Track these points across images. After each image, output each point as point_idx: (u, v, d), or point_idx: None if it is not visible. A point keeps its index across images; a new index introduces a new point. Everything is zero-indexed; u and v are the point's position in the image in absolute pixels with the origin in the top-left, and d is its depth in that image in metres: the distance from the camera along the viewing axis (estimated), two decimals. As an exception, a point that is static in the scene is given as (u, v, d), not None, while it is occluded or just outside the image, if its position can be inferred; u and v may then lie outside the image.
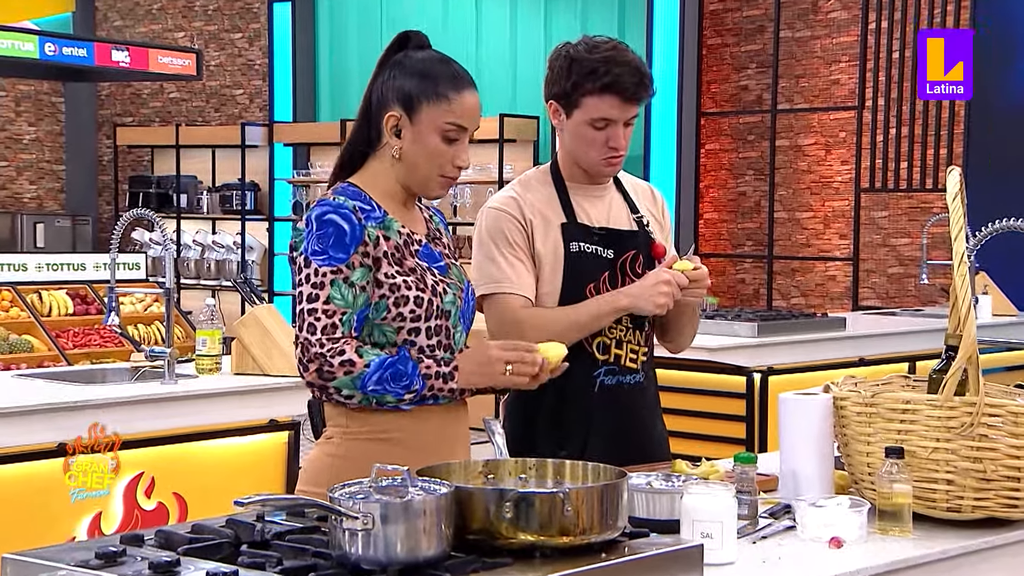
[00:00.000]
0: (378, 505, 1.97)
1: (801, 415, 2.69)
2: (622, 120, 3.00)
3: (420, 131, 2.56)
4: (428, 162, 2.58)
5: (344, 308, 2.49)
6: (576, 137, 3.03)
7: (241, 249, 12.72)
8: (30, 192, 14.22)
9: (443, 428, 2.59)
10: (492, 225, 3.03)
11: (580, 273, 3.03)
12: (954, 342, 2.62)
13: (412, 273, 2.55)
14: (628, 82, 2.97)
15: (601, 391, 3.06)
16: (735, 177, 10.81)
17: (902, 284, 9.95)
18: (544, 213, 3.05)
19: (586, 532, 2.06)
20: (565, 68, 3.00)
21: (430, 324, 2.56)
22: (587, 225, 3.06)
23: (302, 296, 2.50)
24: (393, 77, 2.58)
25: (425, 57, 2.60)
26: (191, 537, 2.11)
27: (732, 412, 6.21)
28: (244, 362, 5.04)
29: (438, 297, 2.57)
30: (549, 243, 3.02)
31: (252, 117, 13.45)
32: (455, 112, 2.57)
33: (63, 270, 8.60)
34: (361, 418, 2.54)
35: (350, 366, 2.45)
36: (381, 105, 2.59)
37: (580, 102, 2.99)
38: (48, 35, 10.70)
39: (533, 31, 11.38)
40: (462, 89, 2.58)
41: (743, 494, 2.49)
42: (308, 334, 2.48)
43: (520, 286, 2.99)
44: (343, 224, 2.49)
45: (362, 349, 2.48)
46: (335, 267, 2.49)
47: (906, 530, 2.51)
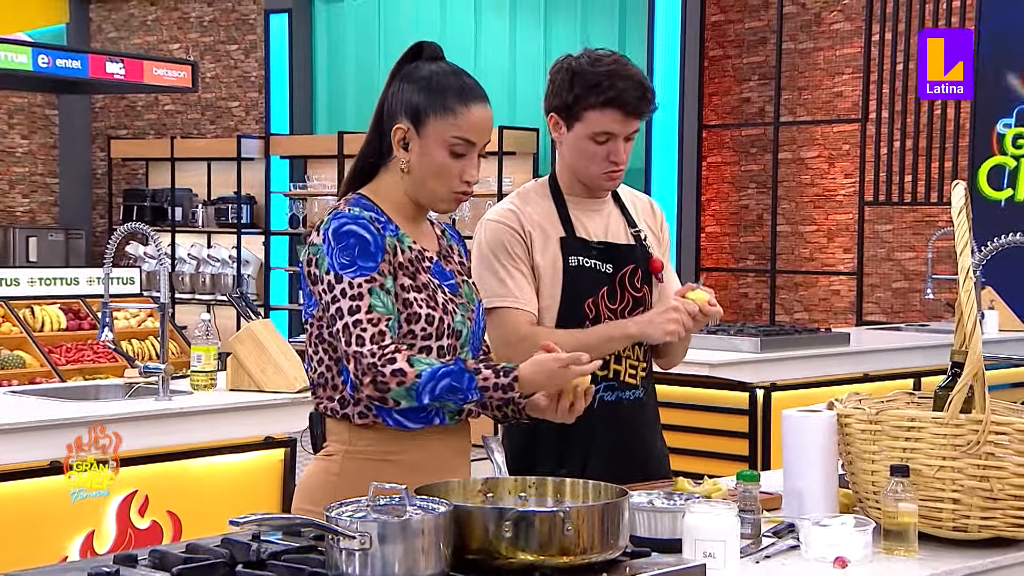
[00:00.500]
0: (376, 524, 1.97)
1: (804, 432, 2.68)
2: (623, 135, 2.99)
3: (427, 145, 2.55)
4: (435, 176, 2.56)
5: (387, 315, 2.47)
6: (576, 151, 3.03)
7: (237, 263, 12.68)
8: (23, 206, 14.25)
9: (445, 448, 2.59)
10: (492, 238, 3.02)
11: (579, 287, 3.02)
12: (960, 358, 2.61)
13: (424, 289, 2.54)
14: (631, 97, 2.96)
15: (601, 407, 3.03)
16: (737, 190, 10.77)
17: (907, 299, 9.93)
18: (543, 226, 3.05)
19: (587, 552, 2.06)
20: (567, 81, 3.00)
21: (442, 343, 2.55)
22: (586, 239, 3.06)
23: (341, 312, 2.46)
24: (402, 89, 2.57)
25: (436, 69, 2.58)
26: (185, 557, 2.11)
27: (734, 429, 6.15)
28: (240, 378, 5.02)
29: (449, 316, 2.55)
30: (548, 256, 3.02)
31: (248, 129, 13.45)
32: (461, 127, 2.54)
33: (56, 285, 8.64)
34: (365, 437, 2.54)
35: (402, 376, 2.42)
36: (390, 117, 2.57)
37: (582, 116, 2.98)
38: (42, 47, 10.74)
39: (533, 43, 11.36)
40: (470, 103, 2.55)
41: (746, 513, 2.48)
42: (357, 347, 2.45)
43: (524, 300, 2.99)
44: (364, 234, 2.48)
45: (413, 358, 2.45)
46: (368, 276, 2.47)
47: (911, 550, 2.49)
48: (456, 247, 2.75)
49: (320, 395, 2.60)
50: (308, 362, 2.63)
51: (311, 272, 2.52)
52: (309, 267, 2.53)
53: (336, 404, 2.56)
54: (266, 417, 4.92)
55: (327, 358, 2.57)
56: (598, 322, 3.03)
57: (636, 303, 3.10)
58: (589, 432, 3.02)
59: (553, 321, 3.03)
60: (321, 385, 2.59)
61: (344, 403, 2.55)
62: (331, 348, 2.56)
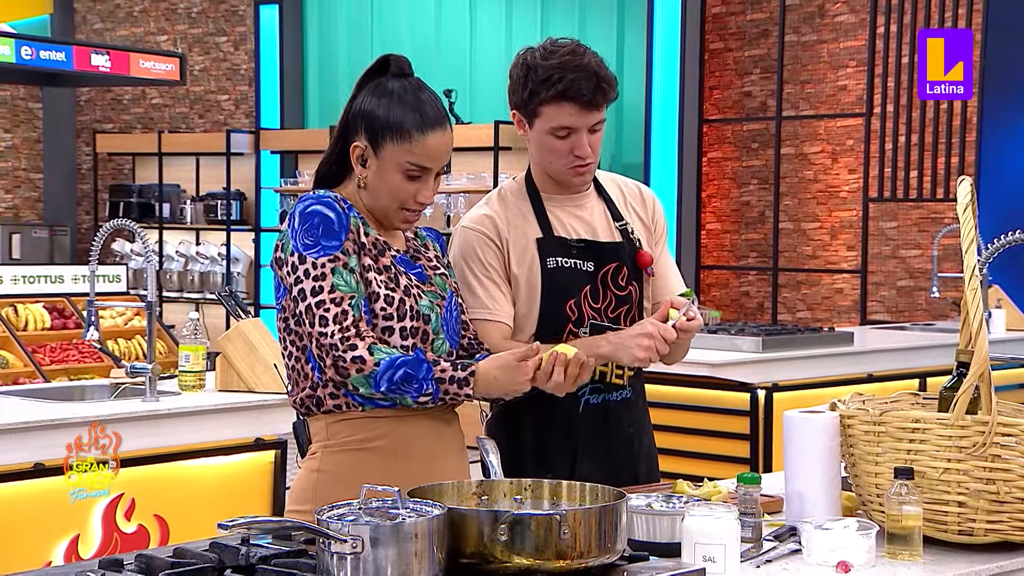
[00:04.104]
0: (367, 528, 1.96)
1: (807, 434, 2.68)
2: (584, 127, 2.93)
3: (382, 166, 2.61)
4: (389, 196, 2.62)
5: (351, 294, 2.52)
6: (540, 148, 2.99)
7: (226, 261, 12.67)
8: (6, 201, 14.24)
9: (429, 436, 2.61)
10: (465, 246, 2.99)
11: (558, 289, 2.98)
12: (965, 358, 2.60)
13: (385, 272, 2.60)
14: (584, 88, 2.89)
15: (587, 410, 3.02)
16: (738, 186, 10.82)
17: (912, 297, 9.94)
18: (522, 229, 3.01)
19: (583, 556, 2.06)
20: (522, 77, 2.95)
21: (404, 325, 2.58)
22: (564, 238, 3.02)
23: (304, 293, 2.52)
24: (364, 104, 2.63)
25: (398, 88, 2.62)
26: (172, 561, 2.10)
27: (735, 430, 6.17)
28: (229, 378, 5.01)
29: (411, 298, 2.60)
30: (525, 262, 2.99)
31: (238, 124, 13.43)
32: (416, 153, 2.59)
33: (40, 282, 8.62)
34: (341, 430, 2.58)
35: (361, 364, 2.48)
36: (352, 130, 2.65)
37: (539, 111, 2.94)
38: (25, 38, 10.76)
39: (529, 36, 11.36)
40: (427, 130, 2.60)
41: (747, 516, 2.49)
42: (321, 327, 2.50)
43: (497, 312, 2.95)
44: (328, 213, 2.54)
45: (375, 347, 2.50)
46: (331, 255, 2.52)
47: (916, 554, 2.49)
48: (432, 244, 2.81)
49: (295, 392, 2.64)
50: (285, 361, 2.67)
51: (278, 257, 2.59)
52: (276, 252, 2.59)
53: (308, 391, 2.60)
54: (256, 418, 4.89)
55: (295, 350, 2.62)
56: (581, 323, 2.98)
57: (620, 301, 3.03)
58: (575, 435, 3.00)
59: (535, 325, 2.97)
60: (295, 381, 2.64)
61: (315, 388, 2.59)
62: (298, 338, 2.61)
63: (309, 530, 2.00)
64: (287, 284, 2.55)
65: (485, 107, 11.21)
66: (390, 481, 2.21)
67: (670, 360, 3.11)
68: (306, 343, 2.57)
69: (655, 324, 2.85)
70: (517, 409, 2.92)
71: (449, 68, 11.38)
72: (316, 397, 2.59)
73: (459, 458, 2.67)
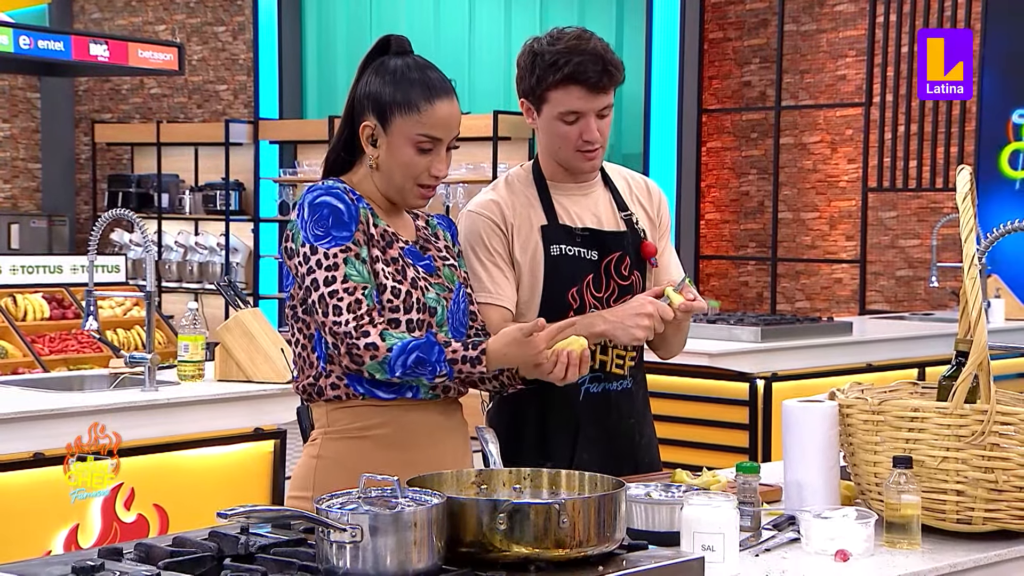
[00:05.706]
0: (367, 516, 1.96)
1: (806, 423, 2.68)
2: (592, 111, 2.95)
3: (393, 142, 2.61)
4: (402, 173, 2.62)
5: (363, 283, 2.53)
6: (549, 134, 3.00)
7: (225, 251, 12.66)
8: (4, 191, 14.22)
9: (430, 426, 2.62)
10: (470, 231, 3.00)
11: (561, 276, 2.99)
12: (964, 347, 2.61)
13: (393, 264, 2.60)
14: (591, 71, 2.91)
15: (587, 399, 3.02)
16: (738, 176, 10.80)
17: (911, 287, 9.94)
18: (527, 215, 3.02)
19: (583, 544, 2.06)
20: (529, 64, 2.98)
21: (411, 317, 2.59)
22: (569, 226, 3.03)
23: (317, 283, 2.52)
24: (368, 84, 2.63)
25: (401, 65, 2.63)
26: (172, 550, 2.10)
27: (734, 420, 6.18)
28: (228, 368, 5.00)
29: (418, 291, 2.60)
30: (529, 249, 3.00)
31: (236, 114, 13.40)
32: (425, 124, 2.60)
33: (39, 273, 8.61)
34: (342, 417, 2.60)
35: (374, 350, 2.49)
36: (358, 113, 2.65)
37: (546, 96, 2.96)
38: (23, 27, 10.67)
39: (528, 26, 11.40)
40: (434, 99, 2.61)
41: (745, 505, 2.49)
42: (335, 316, 2.50)
43: (499, 296, 2.96)
44: (337, 204, 2.54)
45: (386, 332, 2.51)
46: (343, 246, 2.53)
47: (915, 543, 2.50)
48: (443, 233, 2.80)
49: (300, 379, 2.65)
50: (292, 348, 2.68)
51: (288, 247, 2.59)
52: (286, 243, 2.60)
53: (311, 380, 2.61)
54: (255, 408, 4.89)
55: (303, 338, 2.63)
56: (583, 312, 2.97)
57: (623, 291, 3.03)
58: (575, 425, 3.00)
59: (536, 312, 2.98)
60: (300, 368, 2.65)
61: (318, 377, 2.60)
62: (306, 326, 2.61)
63: (308, 519, 2.00)
64: (298, 274, 2.56)
65: (484, 97, 11.21)
66: (390, 469, 2.21)
67: (668, 354, 3.17)
68: (313, 331, 2.58)
69: (653, 303, 2.86)
70: (517, 399, 2.92)
71: (448, 58, 11.36)
72: (318, 386, 2.60)
73: (460, 448, 2.67)
